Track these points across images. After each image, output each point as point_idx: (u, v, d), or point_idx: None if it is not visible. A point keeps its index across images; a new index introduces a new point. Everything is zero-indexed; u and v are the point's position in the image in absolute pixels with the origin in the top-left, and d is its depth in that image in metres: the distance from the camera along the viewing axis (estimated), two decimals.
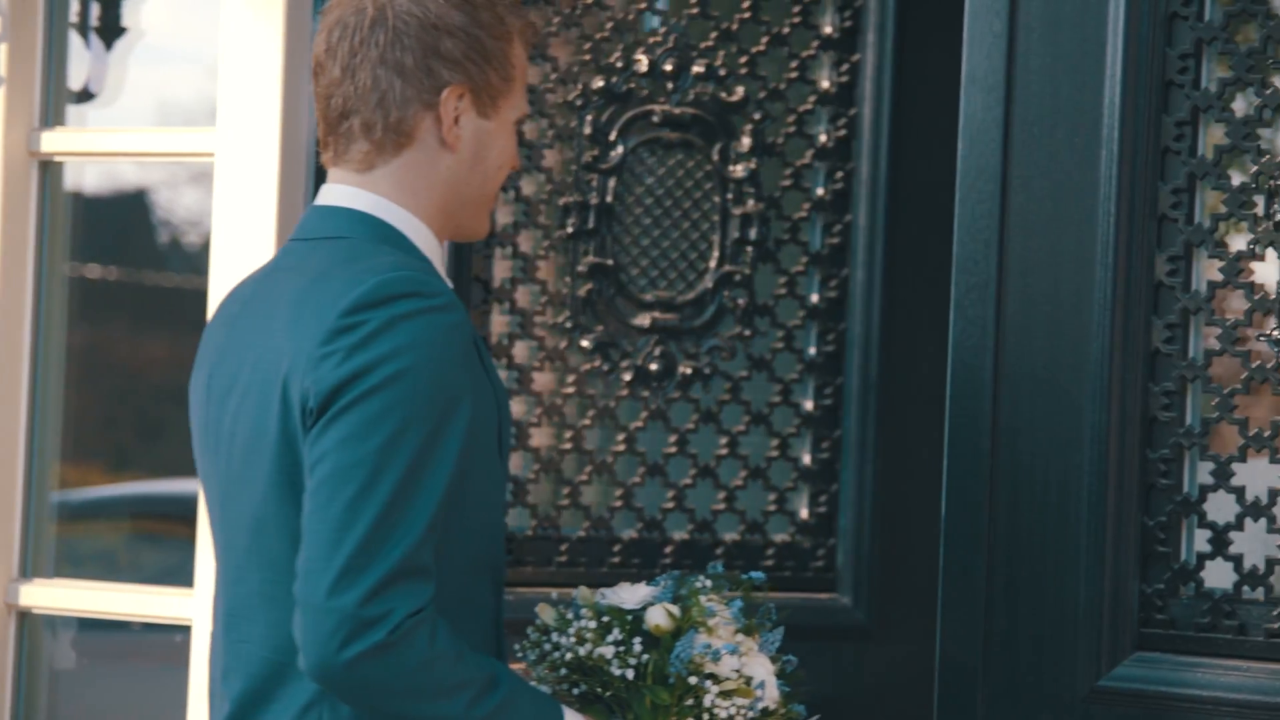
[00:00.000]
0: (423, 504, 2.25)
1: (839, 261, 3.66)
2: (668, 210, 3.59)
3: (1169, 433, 2.69)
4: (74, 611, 3.73)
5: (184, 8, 3.84)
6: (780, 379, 3.64)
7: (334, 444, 2.25)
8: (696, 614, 2.46)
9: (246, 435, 2.36)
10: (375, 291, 2.28)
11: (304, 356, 2.29)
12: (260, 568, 2.36)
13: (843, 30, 3.67)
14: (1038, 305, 2.74)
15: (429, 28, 2.41)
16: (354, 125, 2.43)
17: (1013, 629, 2.74)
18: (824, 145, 3.66)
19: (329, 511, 2.24)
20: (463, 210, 2.48)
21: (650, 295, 3.56)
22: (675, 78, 3.58)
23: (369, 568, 2.22)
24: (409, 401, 2.25)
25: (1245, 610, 2.66)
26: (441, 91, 2.42)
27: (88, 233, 3.94)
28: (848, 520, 3.64)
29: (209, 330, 2.50)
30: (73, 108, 3.79)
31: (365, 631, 2.21)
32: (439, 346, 2.28)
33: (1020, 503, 2.74)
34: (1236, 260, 2.66)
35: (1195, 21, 2.68)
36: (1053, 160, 2.73)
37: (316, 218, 2.46)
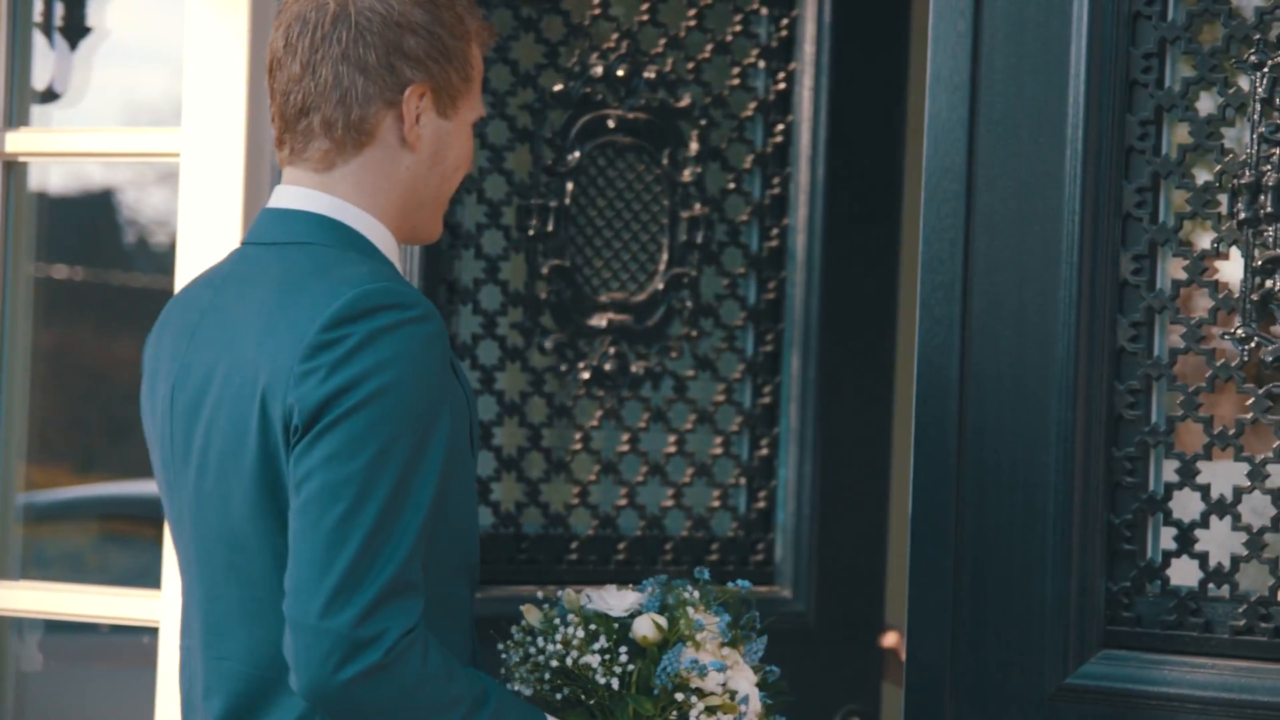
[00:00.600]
0: (410, 519, 2.23)
1: (777, 264, 3.72)
2: (620, 213, 3.62)
3: (1134, 431, 2.70)
4: (40, 614, 3.72)
5: (149, 7, 3.83)
6: (723, 378, 3.70)
7: (320, 461, 2.22)
8: (684, 627, 2.43)
9: (221, 451, 2.32)
10: (354, 304, 2.25)
11: (283, 372, 2.25)
12: (239, 585, 2.33)
13: (779, 40, 3.72)
14: (1003, 304, 2.74)
15: (392, 25, 2.38)
16: (313, 122, 2.39)
17: (980, 628, 2.74)
18: (763, 151, 3.72)
19: (318, 530, 2.21)
20: (420, 211, 2.45)
21: (605, 297, 3.59)
22: (628, 83, 3.60)
23: (361, 587, 2.19)
24: (394, 417, 2.23)
25: (1211, 607, 2.66)
26: (404, 90, 2.39)
27: (54, 233, 3.93)
28: (786, 515, 3.70)
29: (161, 339, 2.45)
30: (38, 108, 3.77)
31: (361, 653, 2.18)
32: (420, 359, 2.26)
33: (987, 502, 2.74)
34: (1201, 259, 2.67)
35: (1159, 21, 2.69)
36: (1018, 159, 2.73)
37: (273, 221, 2.42)
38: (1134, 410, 2.70)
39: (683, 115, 3.66)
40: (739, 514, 3.71)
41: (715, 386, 3.70)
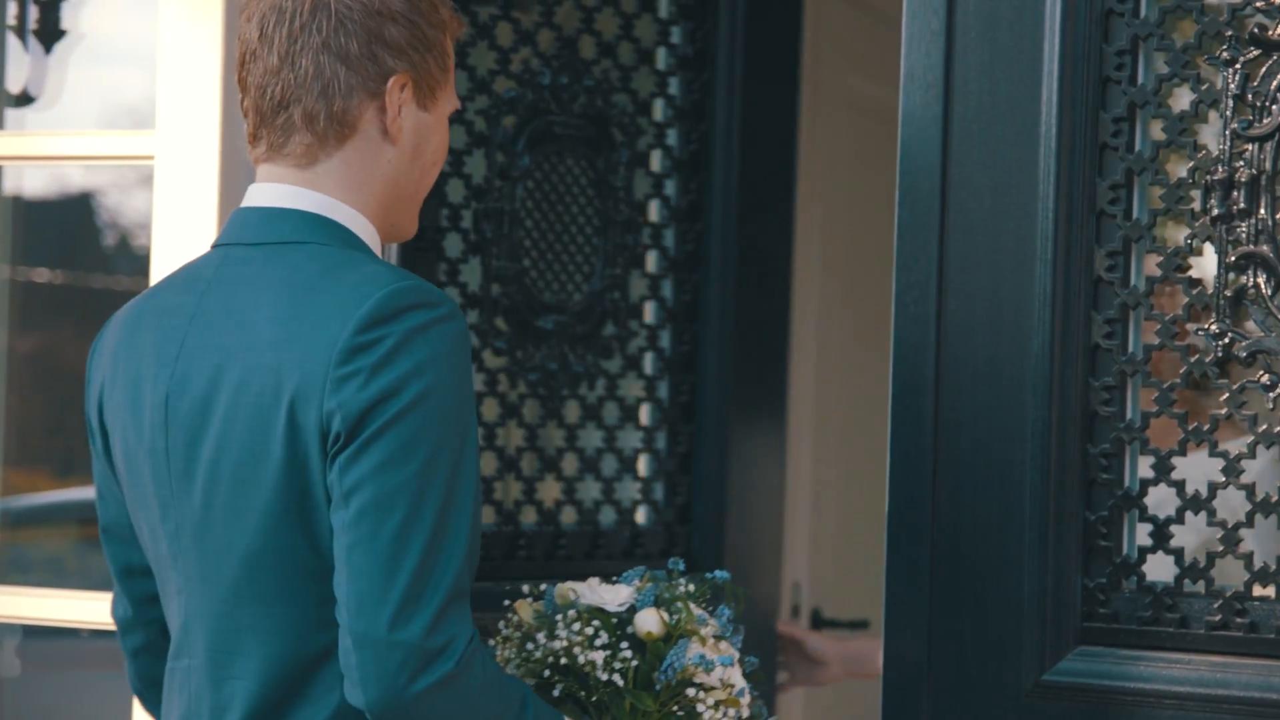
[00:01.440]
0: (460, 522, 2.19)
1: (693, 266, 3.80)
2: (560, 216, 3.66)
3: (1109, 428, 2.70)
4: (19, 619, 3.71)
5: (124, 10, 3.82)
6: (646, 376, 3.77)
7: (372, 470, 2.16)
8: (687, 622, 2.41)
9: (236, 462, 2.24)
10: (386, 304, 2.20)
11: (316, 377, 2.19)
12: (254, 601, 2.26)
13: (695, 51, 3.79)
14: (978, 301, 2.74)
15: (373, 14, 2.33)
16: (294, 115, 2.33)
17: (957, 625, 2.75)
18: (680, 158, 3.79)
19: (377, 540, 2.15)
20: (399, 206, 2.40)
21: (550, 299, 3.63)
22: (569, 89, 3.64)
23: (426, 596, 2.15)
24: (439, 421, 2.18)
25: (1186, 603, 2.67)
26: (387, 80, 2.34)
27: (35, 236, 3.93)
28: (703, 508, 3.78)
29: (134, 345, 2.36)
30: (12, 111, 3.76)
31: (433, 663, 2.14)
32: (454, 358, 2.22)
33: (963, 499, 2.75)
34: (1175, 255, 2.67)
35: (1131, 18, 2.69)
36: (992, 157, 2.74)
37: (258, 220, 2.34)
38: (1109, 407, 2.70)
39: (614, 121, 3.71)
40: (660, 508, 3.79)
41: (640, 384, 3.80)
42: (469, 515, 2.20)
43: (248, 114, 2.37)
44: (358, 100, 2.33)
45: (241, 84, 2.37)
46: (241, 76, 2.37)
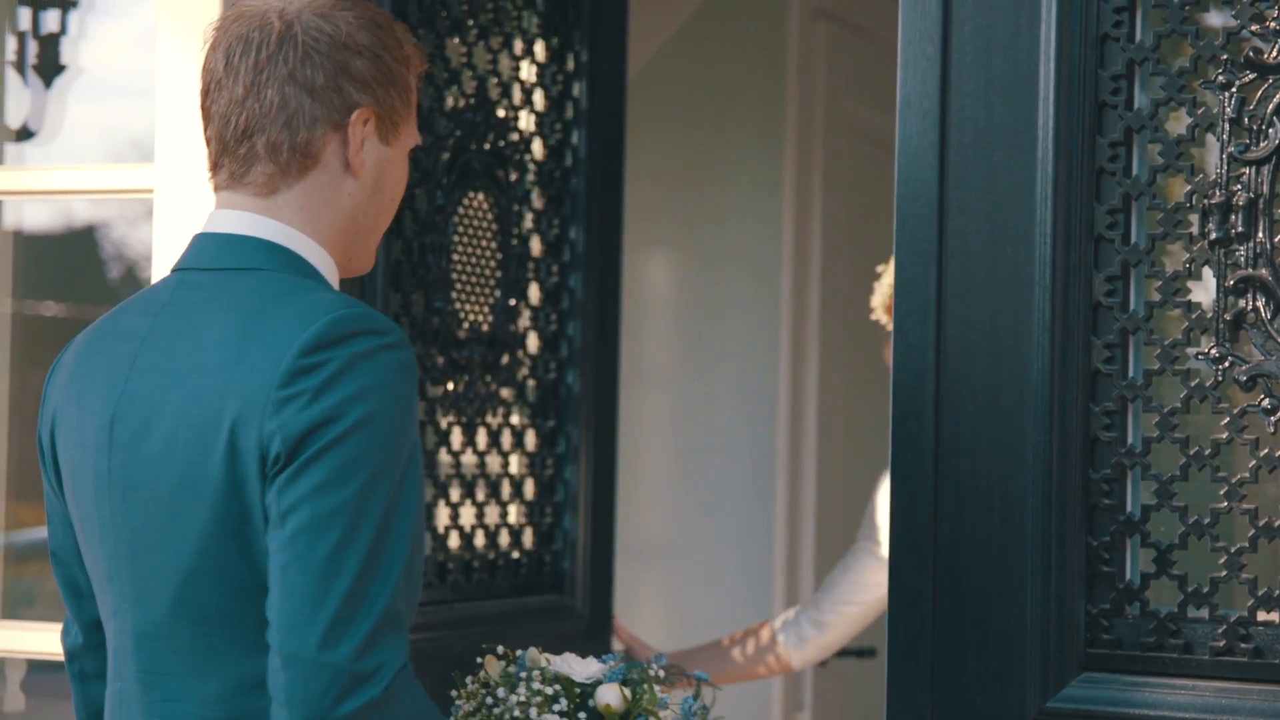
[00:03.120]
0: (397, 548, 2.19)
1: (557, 299, 3.94)
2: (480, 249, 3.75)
3: (1111, 453, 2.70)
4: (24, 654, 3.70)
5: (124, 44, 3.83)
6: (529, 403, 3.89)
7: (309, 492, 2.17)
8: (648, 702, 2.45)
9: (175, 483, 2.25)
10: (330, 330, 2.21)
11: (257, 400, 2.20)
12: (190, 623, 2.26)
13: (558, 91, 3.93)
14: (977, 327, 2.74)
15: (339, 46, 2.34)
16: (257, 145, 2.33)
17: (960, 652, 2.74)
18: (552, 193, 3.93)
19: (310, 561, 2.15)
20: (358, 240, 2.41)
21: (464, 331, 3.71)
22: (483, 125, 3.72)
23: (358, 618, 2.15)
24: (379, 446, 2.19)
25: (1191, 628, 2.66)
26: (351, 113, 2.35)
27: (39, 270, 3.93)
28: (568, 527, 3.90)
29: (86, 368, 2.36)
30: (13, 146, 3.77)
31: (360, 687, 2.14)
32: (398, 386, 2.23)
33: (964, 525, 2.74)
34: (1173, 279, 2.66)
35: (1126, 43, 2.69)
36: (989, 182, 2.73)
37: (215, 246, 2.35)
38: (1110, 432, 2.70)
39: (507, 159, 3.80)
40: (539, 529, 3.91)
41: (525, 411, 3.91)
42: (406, 541, 2.21)
43: (210, 142, 2.38)
44: (321, 132, 2.34)
45: (204, 113, 2.38)
46: (205, 106, 2.37)
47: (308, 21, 2.33)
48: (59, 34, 3.78)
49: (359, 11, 2.37)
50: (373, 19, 2.38)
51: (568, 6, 3.92)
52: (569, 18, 3.93)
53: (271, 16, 2.34)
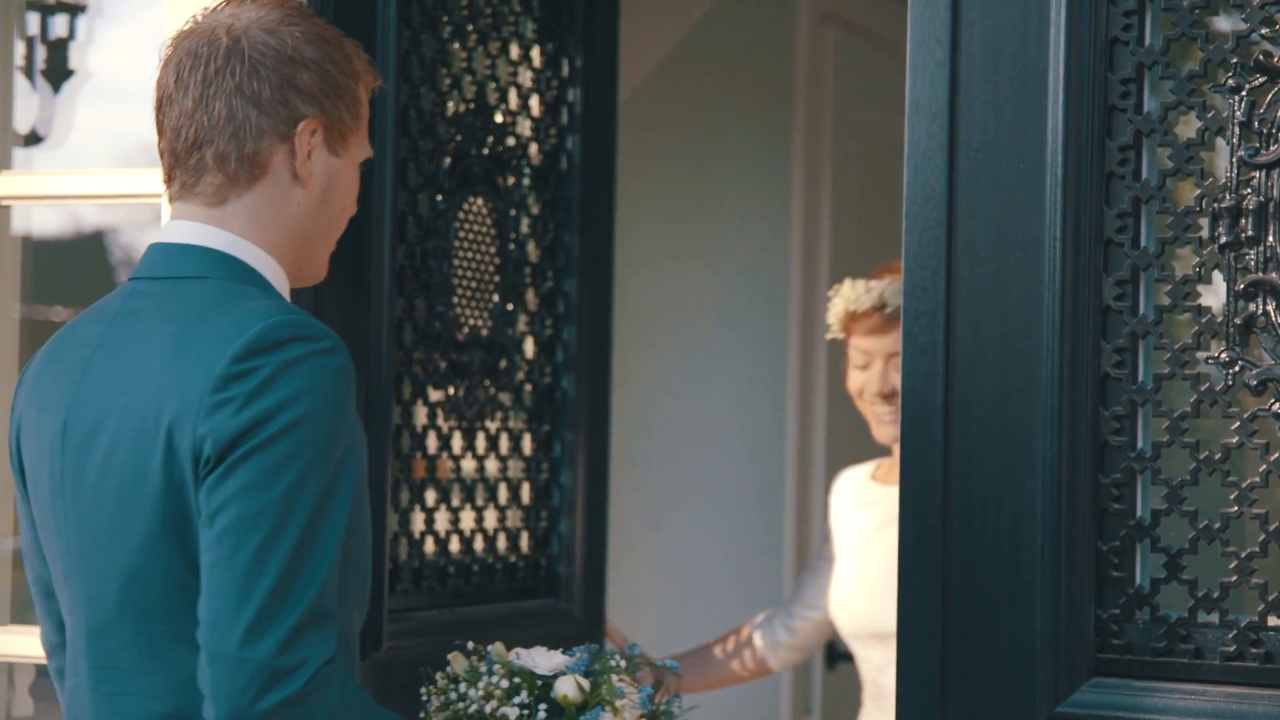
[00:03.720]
0: (325, 549, 2.25)
1: (553, 304, 3.94)
2: (480, 253, 3.75)
3: (1120, 457, 2.69)
4: (31, 659, 3.70)
5: (131, 49, 3.83)
6: (526, 408, 3.89)
7: (236, 492, 2.23)
8: (606, 691, 2.51)
9: (119, 484, 2.32)
10: (264, 336, 2.28)
11: (192, 404, 2.27)
12: (137, 619, 2.33)
13: (553, 97, 3.93)
14: (987, 332, 2.73)
15: (285, 60, 2.41)
16: (206, 156, 2.41)
17: (970, 657, 2.73)
18: (548, 198, 3.91)
19: (236, 560, 2.22)
20: (308, 248, 2.48)
21: (463, 334, 3.72)
22: (484, 130, 3.73)
23: (280, 616, 2.20)
24: (309, 448, 2.25)
25: (1201, 634, 2.65)
26: (297, 124, 2.42)
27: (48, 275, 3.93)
28: (563, 531, 3.91)
29: (46, 375, 2.45)
30: (21, 151, 3.77)
31: (281, 682, 2.19)
32: (331, 390, 2.29)
33: (974, 530, 2.73)
34: (1183, 283, 2.66)
35: (1136, 46, 2.68)
36: (998, 186, 2.73)
37: (165, 255, 2.42)
38: (1119, 436, 2.69)
39: (505, 164, 3.81)
40: (534, 533, 3.92)
41: (522, 415, 3.92)
42: (336, 541, 2.26)
43: (163, 155, 2.46)
44: (269, 143, 2.42)
45: (158, 127, 2.46)
46: (158, 119, 2.46)
47: (255, 36, 2.42)
48: (67, 39, 3.78)
49: (306, 26, 2.45)
50: (319, 34, 2.46)
51: (563, 13, 3.93)
52: (564, 24, 3.93)
53: (220, 32, 2.42)
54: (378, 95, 3.38)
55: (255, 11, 2.45)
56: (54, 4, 3.77)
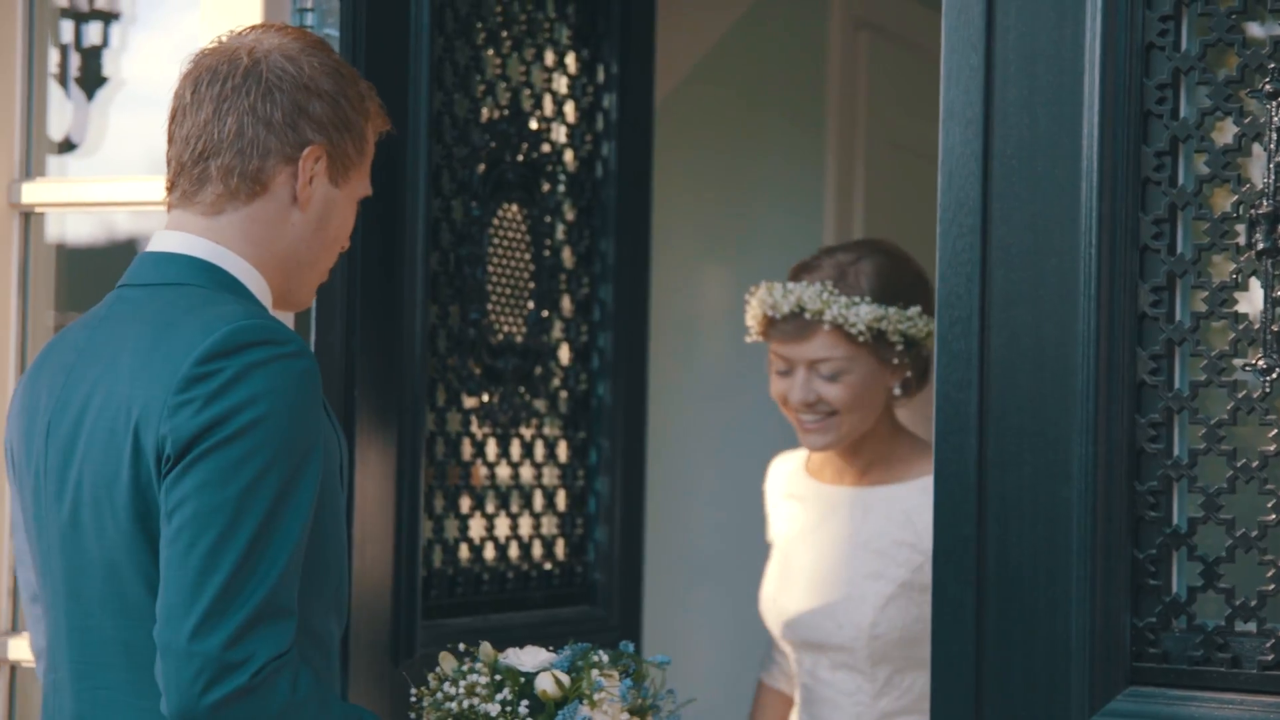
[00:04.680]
0: (281, 548, 2.30)
1: (588, 310, 3.95)
2: (515, 259, 3.77)
3: (1157, 465, 2.67)
4: None
5: (165, 57, 3.83)
6: (561, 415, 3.91)
7: (193, 489, 2.29)
8: (585, 686, 2.57)
9: (94, 482, 2.38)
10: (228, 340, 2.33)
11: (157, 404, 2.33)
12: (115, 615, 2.39)
13: (589, 103, 3.93)
14: (1021, 339, 2.72)
15: (301, 87, 2.49)
16: (211, 168, 2.48)
17: (1005, 666, 2.72)
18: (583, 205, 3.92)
19: (189, 557, 2.28)
20: (298, 272, 2.54)
21: (499, 339, 3.73)
22: (517, 136, 3.75)
23: (230, 611, 2.26)
24: (266, 447, 2.31)
25: (1239, 643, 2.63)
26: (303, 148, 2.49)
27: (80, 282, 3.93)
28: (598, 539, 3.93)
29: (37, 379, 2.52)
30: (55, 158, 3.78)
31: (228, 676, 2.24)
32: (293, 393, 2.34)
33: (1009, 538, 2.72)
34: (1220, 290, 2.64)
35: (1172, 51, 2.67)
36: (1033, 192, 2.71)
37: (150, 264, 2.50)
38: (1156, 444, 2.67)
39: (540, 170, 3.82)
40: (570, 540, 3.93)
41: (557, 422, 3.93)
42: (292, 541, 2.31)
43: (170, 163, 2.53)
44: (274, 163, 2.49)
45: (169, 136, 2.53)
46: (170, 130, 2.53)
47: (274, 61, 2.50)
48: (101, 46, 3.78)
49: (324, 58, 2.53)
50: (336, 68, 2.54)
51: (598, 19, 3.93)
52: (599, 30, 3.93)
53: (242, 53, 2.50)
54: (412, 101, 3.39)
55: (278, 38, 2.52)
56: (88, 11, 3.78)
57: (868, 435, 3.64)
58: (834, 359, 3.55)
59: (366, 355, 3.34)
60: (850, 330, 3.52)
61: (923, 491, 3.53)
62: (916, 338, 3.58)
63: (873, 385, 3.58)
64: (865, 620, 3.54)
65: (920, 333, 3.57)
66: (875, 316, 3.53)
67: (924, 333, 3.57)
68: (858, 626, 3.55)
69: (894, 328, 3.55)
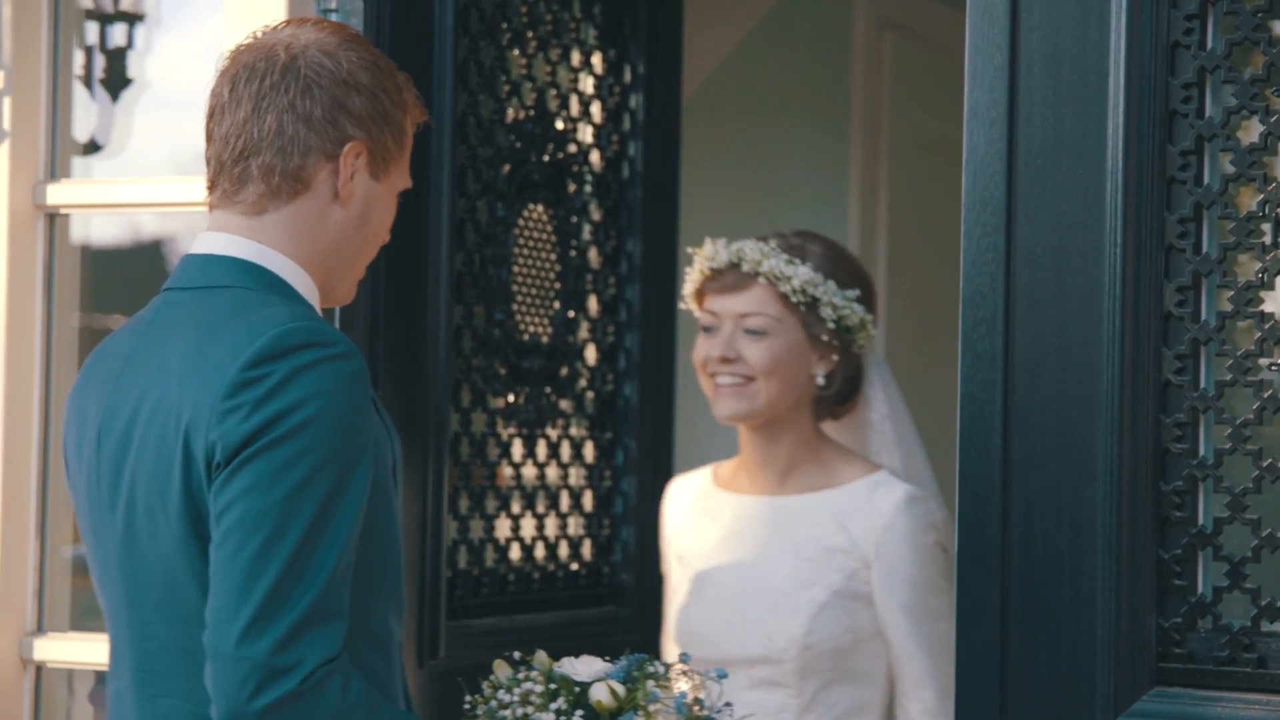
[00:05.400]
0: (330, 550, 2.28)
1: (615, 310, 3.95)
2: (541, 259, 3.77)
3: (1182, 465, 2.67)
4: (90, 665, 3.72)
5: (190, 58, 3.84)
6: (588, 415, 3.89)
7: (240, 492, 2.27)
8: (640, 697, 2.54)
9: (147, 490, 2.36)
10: (275, 343, 2.31)
11: (206, 410, 2.30)
12: (173, 621, 2.37)
13: (615, 104, 3.93)
14: (1046, 338, 2.71)
15: (340, 82, 2.47)
16: (252, 167, 2.46)
17: (1030, 666, 2.71)
18: (610, 205, 3.92)
19: (237, 561, 2.25)
20: (341, 268, 2.52)
21: (526, 339, 3.72)
22: (543, 138, 3.74)
23: (279, 616, 2.23)
24: (315, 449, 2.28)
25: (1264, 643, 2.62)
26: (344, 144, 2.47)
27: (107, 283, 3.94)
28: (625, 540, 3.91)
29: (85, 387, 2.50)
30: (80, 159, 3.79)
31: (276, 680, 2.22)
32: (342, 395, 2.31)
33: (1034, 538, 2.71)
34: (1246, 290, 2.63)
35: (1198, 50, 2.66)
36: (1057, 192, 2.71)
37: (196, 266, 2.47)
38: (1181, 444, 2.67)
39: (566, 170, 3.81)
40: (597, 541, 3.91)
41: (584, 423, 3.91)
42: (341, 544, 2.29)
43: (209, 163, 2.51)
44: (314, 160, 2.46)
45: (207, 135, 2.51)
46: (209, 128, 2.50)
47: (312, 57, 2.47)
48: (125, 48, 3.79)
49: (362, 52, 2.50)
50: (374, 62, 2.51)
51: (624, 19, 3.93)
52: (625, 30, 3.93)
53: (279, 49, 2.47)
54: (436, 102, 3.39)
55: (315, 33, 2.50)
56: (113, 13, 3.79)
57: (786, 438, 3.50)
58: (763, 315, 3.43)
59: (391, 356, 3.35)
60: (784, 289, 3.42)
61: (853, 496, 3.45)
62: (849, 323, 3.47)
63: (795, 358, 3.46)
64: (798, 630, 3.41)
65: (854, 319, 3.46)
66: (811, 280, 3.43)
67: (858, 321, 3.47)
68: (789, 637, 3.41)
69: (829, 300, 3.44)
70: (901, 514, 3.42)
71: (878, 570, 3.41)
